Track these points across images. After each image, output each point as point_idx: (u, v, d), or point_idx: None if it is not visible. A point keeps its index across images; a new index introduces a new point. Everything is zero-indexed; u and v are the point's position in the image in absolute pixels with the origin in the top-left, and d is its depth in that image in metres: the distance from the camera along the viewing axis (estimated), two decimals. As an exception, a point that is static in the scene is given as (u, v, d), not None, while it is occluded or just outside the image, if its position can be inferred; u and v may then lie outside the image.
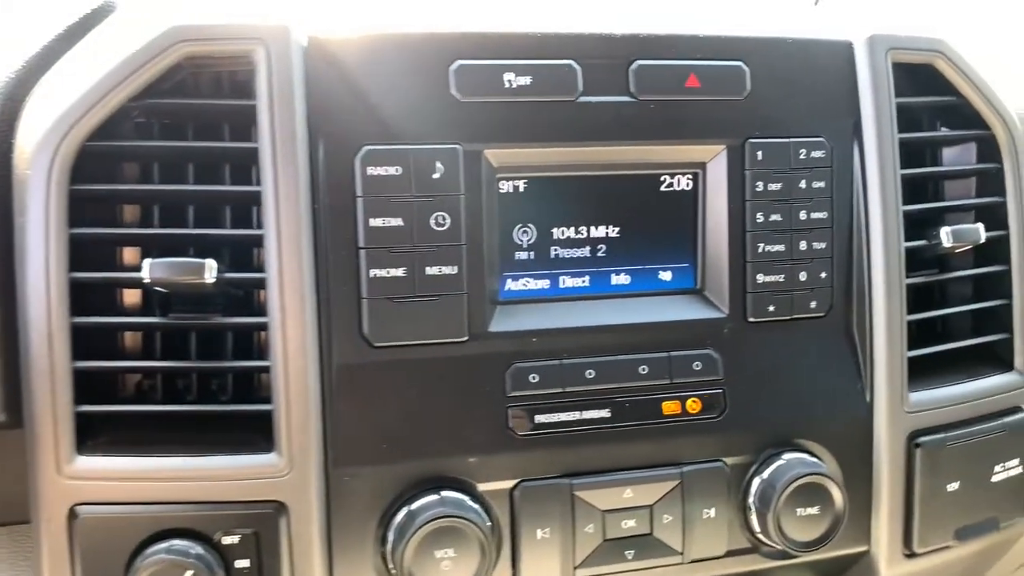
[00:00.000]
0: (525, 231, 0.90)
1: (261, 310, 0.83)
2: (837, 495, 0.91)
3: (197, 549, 0.79)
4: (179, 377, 0.89)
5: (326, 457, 0.83)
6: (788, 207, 0.93)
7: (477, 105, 0.85)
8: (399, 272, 0.84)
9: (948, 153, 1.09)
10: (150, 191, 0.86)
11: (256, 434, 0.83)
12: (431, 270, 0.85)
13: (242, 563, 0.81)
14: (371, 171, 0.83)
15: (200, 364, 0.85)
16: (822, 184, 0.94)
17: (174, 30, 0.80)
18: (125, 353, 0.87)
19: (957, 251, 1.02)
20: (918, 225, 1.03)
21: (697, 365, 0.92)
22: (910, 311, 0.99)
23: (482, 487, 0.87)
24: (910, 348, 0.98)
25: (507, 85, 0.86)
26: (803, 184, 0.94)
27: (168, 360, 0.86)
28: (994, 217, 1.04)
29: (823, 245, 0.95)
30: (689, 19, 0.98)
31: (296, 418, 0.81)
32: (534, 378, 0.88)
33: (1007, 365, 1.04)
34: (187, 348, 0.86)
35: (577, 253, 0.92)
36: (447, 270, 0.85)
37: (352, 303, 0.84)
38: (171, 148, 0.85)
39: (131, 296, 0.88)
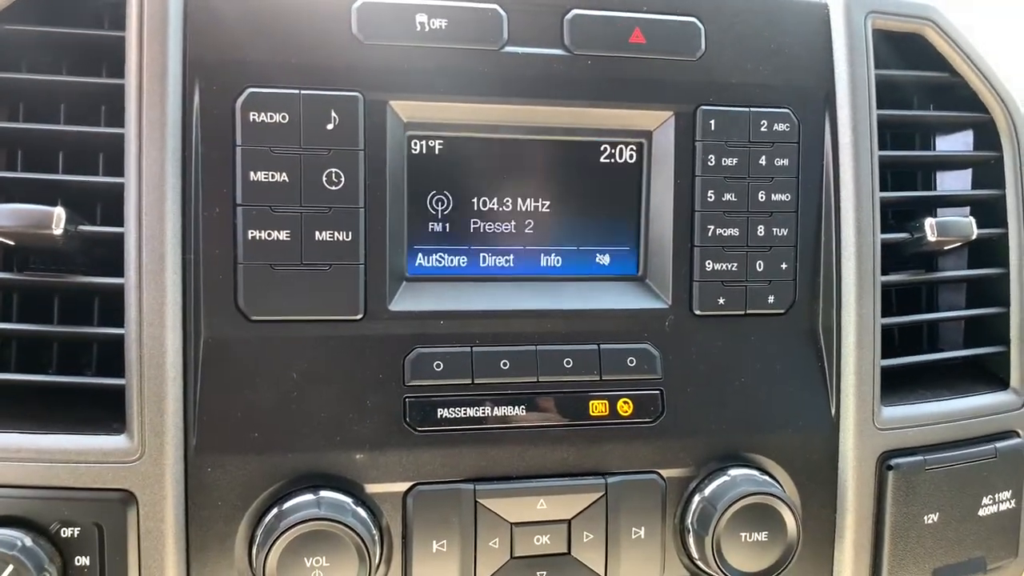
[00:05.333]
0: (440, 199, 0.79)
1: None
2: (790, 520, 0.78)
3: (26, 541, 0.68)
4: (43, 348, 0.79)
5: (186, 444, 0.72)
6: (744, 186, 0.81)
7: (382, 49, 0.75)
8: (282, 235, 0.73)
9: (943, 141, 0.96)
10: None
11: (117, 417, 0.73)
12: (321, 235, 0.74)
13: (82, 560, 0.70)
14: (254, 117, 0.72)
15: (53, 328, 0.75)
16: (785, 161, 0.82)
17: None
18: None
19: (946, 248, 0.90)
20: (902, 218, 0.91)
21: (631, 361, 0.80)
22: (891, 314, 0.86)
23: (370, 489, 0.75)
24: (887, 356, 0.85)
25: (419, 28, 0.75)
26: (763, 160, 0.82)
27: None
28: (992, 213, 0.91)
29: (785, 231, 0.83)
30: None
31: (150, 395, 0.71)
32: (438, 366, 0.76)
33: (1001, 383, 0.91)
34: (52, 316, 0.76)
35: (501, 228, 0.81)
36: (340, 236, 0.74)
37: (226, 268, 0.73)
38: (25, 81, 0.75)
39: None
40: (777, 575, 0.78)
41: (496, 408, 0.77)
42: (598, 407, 0.79)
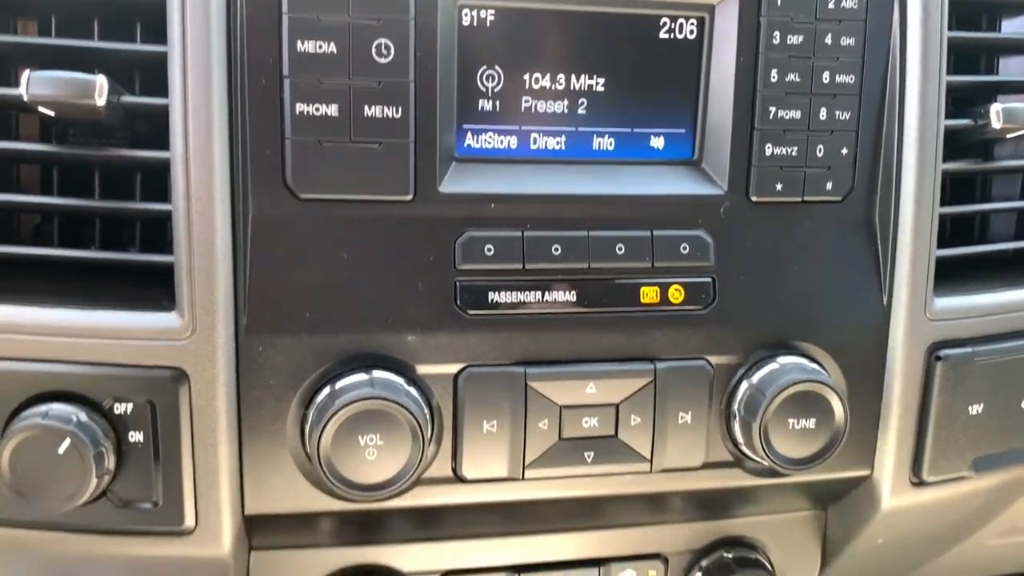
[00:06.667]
0: (491, 75, 0.76)
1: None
2: (838, 408, 0.78)
3: (81, 416, 0.68)
4: (85, 225, 0.77)
5: (237, 322, 0.71)
6: (809, 66, 0.78)
7: (436, -91, 0.70)
8: (331, 110, 0.70)
9: (1009, 24, 0.92)
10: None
11: (165, 295, 0.72)
12: (370, 111, 0.71)
13: (135, 436, 0.70)
14: (300, -16, 0.68)
15: (95, 203, 0.73)
16: (852, 41, 0.78)
17: None
18: (20, 186, 0.76)
19: (1008, 136, 0.87)
20: (964, 104, 0.87)
21: (684, 248, 0.78)
22: (945, 203, 0.84)
23: (422, 370, 0.75)
24: (940, 247, 0.83)
25: None
26: (829, 39, 0.78)
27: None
28: (1056, 101, 0.88)
29: (847, 115, 0.79)
30: None
31: (200, 273, 0.69)
32: (489, 250, 0.75)
33: (1053, 275, 0.90)
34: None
35: (553, 107, 0.78)
36: (390, 112, 0.71)
37: (274, 144, 0.70)
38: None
39: (29, 127, 0.76)
40: (821, 461, 0.79)
41: (547, 293, 0.76)
42: (649, 294, 0.78)
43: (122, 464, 0.71)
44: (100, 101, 0.66)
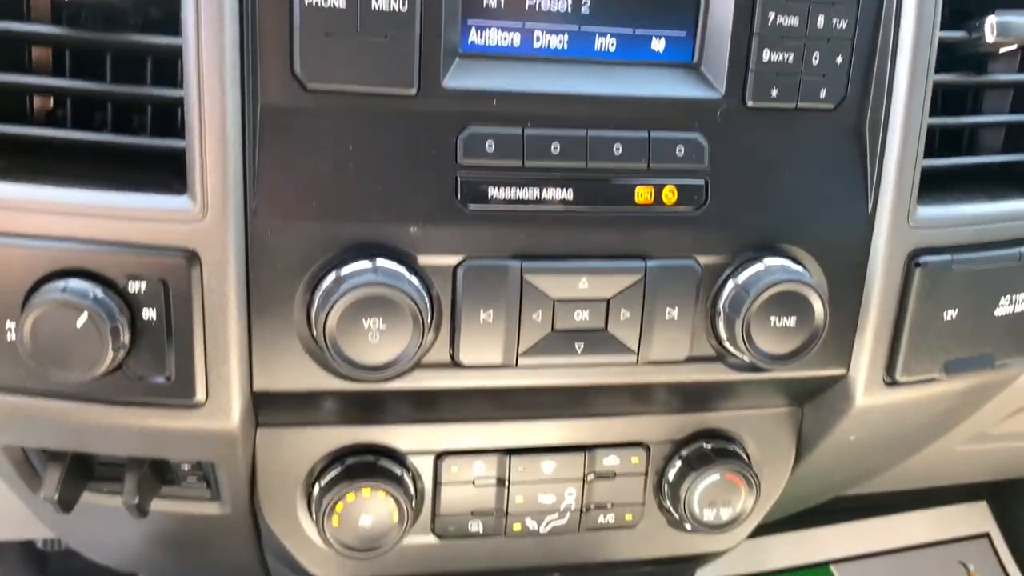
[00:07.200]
0: (496, -29, 0.77)
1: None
2: (818, 307, 0.82)
3: (97, 293, 0.71)
4: (96, 110, 0.79)
5: (246, 208, 0.74)
6: (809, -28, 0.79)
7: None
8: (339, 2, 0.72)
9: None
10: None
11: (176, 179, 0.74)
12: (377, 3, 0.72)
13: (149, 313, 0.74)
14: None
15: (107, 87, 0.74)
16: (853, -53, 0.79)
17: None
18: (32, 69, 0.77)
19: (1001, 51, 0.88)
20: (964, 17, 0.88)
21: (680, 150, 0.81)
22: (933, 114, 0.86)
23: (423, 260, 0.78)
24: (926, 157, 0.86)
25: None
26: (831, -55, 0.79)
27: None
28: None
29: (844, 23, 0.81)
30: None
31: (212, 158, 0.72)
32: (490, 146, 0.77)
33: (1035, 190, 0.93)
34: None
35: (556, 5, 0.79)
36: (396, 5, 0.73)
37: (283, 35, 0.72)
38: None
39: (40, 12, 0.77)
40: (800, 358, 0.83)
41: (545, 190, 0.79)
42: (644, 194, 0.81)
43: (136, 340, 0.74)
44: (113, -17, 0.67)
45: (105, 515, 0.94)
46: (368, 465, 0.88)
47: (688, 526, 0.95)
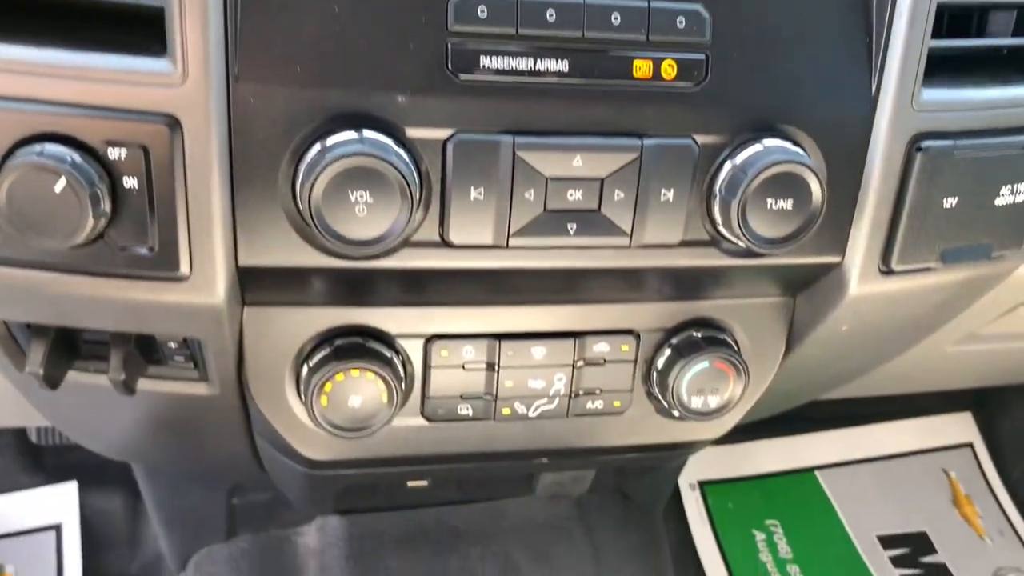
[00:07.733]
0: None
1: None
2: (816, 190, 0.80)
3: (75, 158, 0.69)
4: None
5: (228, 73, 0.71)
6: None
7: None
8: None
9: None
10: None
11: (156, 43, 0.71)
12: None
13: (130, 181, 0.72)
14: None
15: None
16: None
17: None
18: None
19: (1020, -75, 0.85)
20: None
21: (681, 21, 0.77)
22: (945, -3, 0.83)
23: (411, 133, 0.75)
24: (934, 38, 0.83)
25: None
26: None
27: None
28: None
29: None
30: None
31: (191, 19, 0.69)
32: (483, 12, 0.74)
33: (1044, 77, 0.90)
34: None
35: None
36: None
37: None
38: None
39: None
40: (795, 243, 0.82)
41: (539, 61, 0.76)
42: (642, 68, 0.78)
43: (118, 209, 0.72)
44: None
45: (94, 397, 0.94)
46: (357, 346, 0.87)
47: (676, 413, 0.96)
